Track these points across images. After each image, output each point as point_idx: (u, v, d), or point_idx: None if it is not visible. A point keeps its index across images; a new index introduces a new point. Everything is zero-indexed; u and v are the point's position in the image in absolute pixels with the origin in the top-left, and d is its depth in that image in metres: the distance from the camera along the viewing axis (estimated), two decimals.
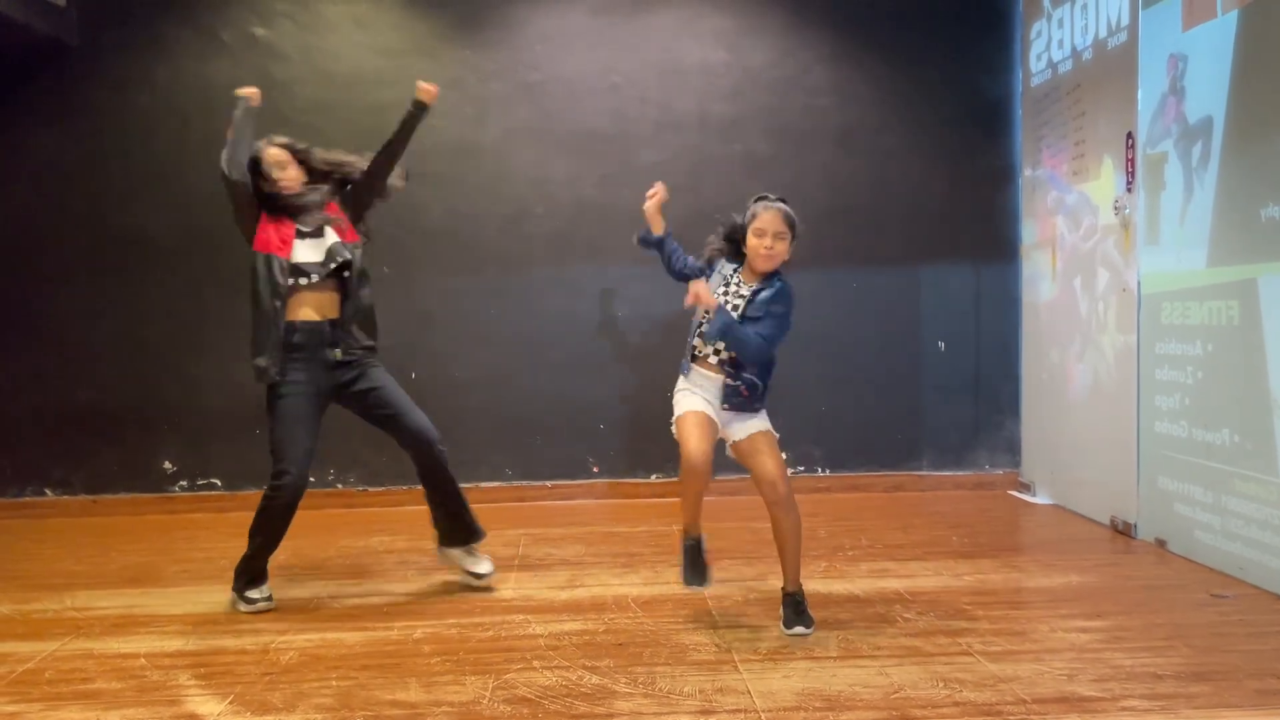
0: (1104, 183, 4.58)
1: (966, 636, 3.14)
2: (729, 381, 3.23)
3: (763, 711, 2.60)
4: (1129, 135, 4.36)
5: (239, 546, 4.42)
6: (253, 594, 3.57)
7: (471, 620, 3.39)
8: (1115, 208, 4.46)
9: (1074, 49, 4.84)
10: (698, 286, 3.17)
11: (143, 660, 3.05)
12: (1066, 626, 3.23)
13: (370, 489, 5.40)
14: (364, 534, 4.73)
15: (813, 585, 3.74)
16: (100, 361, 5.26)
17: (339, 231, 3.66)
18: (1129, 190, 4.38)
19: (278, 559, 4.23)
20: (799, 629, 3.23)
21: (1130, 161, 4.36)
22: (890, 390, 5.58)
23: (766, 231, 3.22)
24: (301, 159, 3.71)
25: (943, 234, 5.56)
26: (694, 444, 3.15)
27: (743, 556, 4.17)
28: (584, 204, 5.50)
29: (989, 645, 3.06)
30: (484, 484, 5.42)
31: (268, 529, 3.58)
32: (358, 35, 5.40)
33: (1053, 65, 5.07)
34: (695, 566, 3.36)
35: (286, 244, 3.57)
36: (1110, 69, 4.52)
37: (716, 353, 3.26)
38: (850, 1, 5.52)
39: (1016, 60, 5.51)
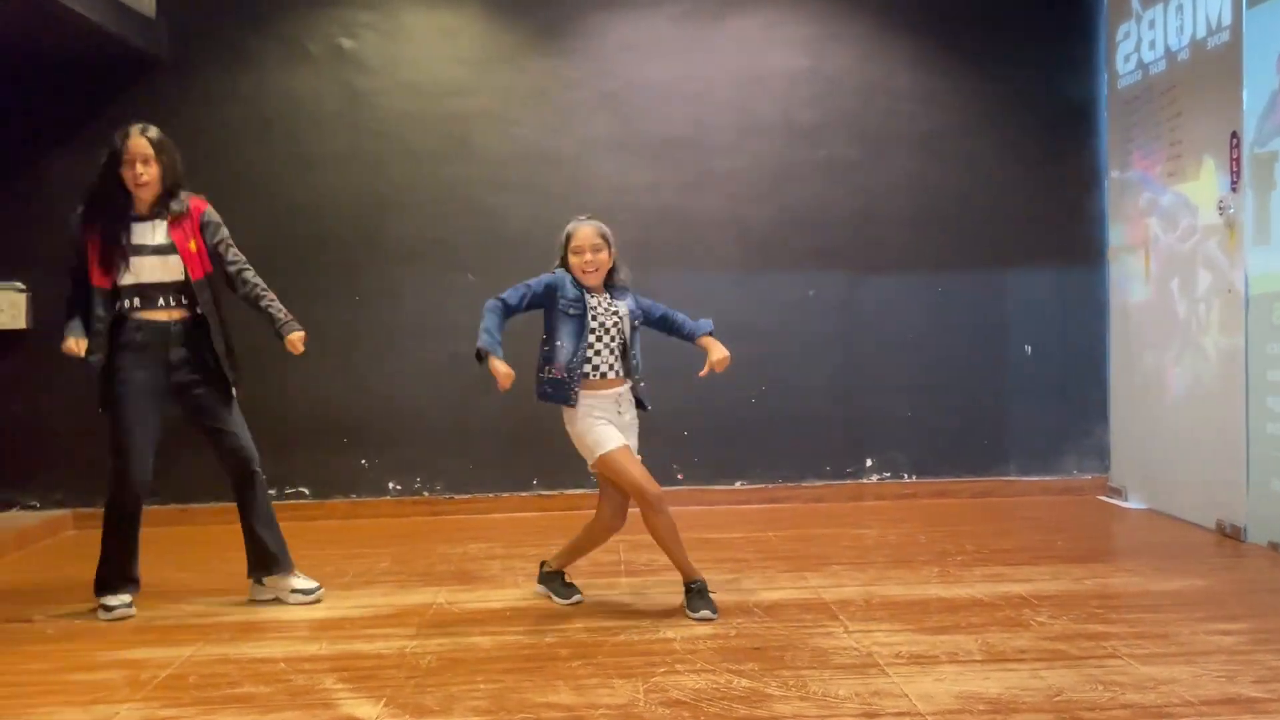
0: (1204, 183, 4.54)
1: (1109, 640, 3.09)
2: (634, 384, 3.56)
3: (927, 714, 2.57)
4: (1233, 134, 4.32)
5: (332, 554, 4.47)
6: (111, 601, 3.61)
7: (599, 624, 3.37)
8: (1220, 208, 4.42)
9: (1168, 49, 4.81)
10: None
11: (282, 664, 3.04)
12: (1207, 629, 3.18)
13: (457, 496, 5.40)
14: (458, 541, 4.72)
15: (932, 590, 3.71)
16: None
17: (186, 257, 3.66)
18: (1234, 190, 4.34)
19: (378, 565, 4.27)
20: (704, 612, 3.36)
21: (1235, 161, 4.32)
22: (976, 395, 5.54)
23: (584, 249, 3.48)
24: (164, 158, 3.60)
25: (1028, 238, 5.53)
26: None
27: (851, 563, 4.14)
28: (666, 211, 5.49)
29: (1135, 648, 3.01)
30: (568, 490, 5.41)
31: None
32: (442, 45, 5.43)
33: (1143, 66, 5.03)
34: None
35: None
36: (1211, 69, 4.48)
37: (611, 366, 3.51)
38: (931, 6, 5.52)
39: (1101, 63, 5.48)
